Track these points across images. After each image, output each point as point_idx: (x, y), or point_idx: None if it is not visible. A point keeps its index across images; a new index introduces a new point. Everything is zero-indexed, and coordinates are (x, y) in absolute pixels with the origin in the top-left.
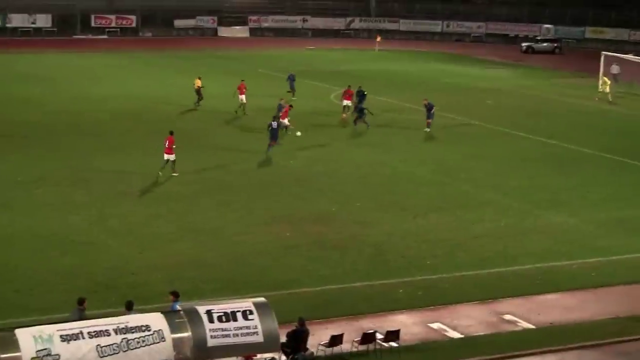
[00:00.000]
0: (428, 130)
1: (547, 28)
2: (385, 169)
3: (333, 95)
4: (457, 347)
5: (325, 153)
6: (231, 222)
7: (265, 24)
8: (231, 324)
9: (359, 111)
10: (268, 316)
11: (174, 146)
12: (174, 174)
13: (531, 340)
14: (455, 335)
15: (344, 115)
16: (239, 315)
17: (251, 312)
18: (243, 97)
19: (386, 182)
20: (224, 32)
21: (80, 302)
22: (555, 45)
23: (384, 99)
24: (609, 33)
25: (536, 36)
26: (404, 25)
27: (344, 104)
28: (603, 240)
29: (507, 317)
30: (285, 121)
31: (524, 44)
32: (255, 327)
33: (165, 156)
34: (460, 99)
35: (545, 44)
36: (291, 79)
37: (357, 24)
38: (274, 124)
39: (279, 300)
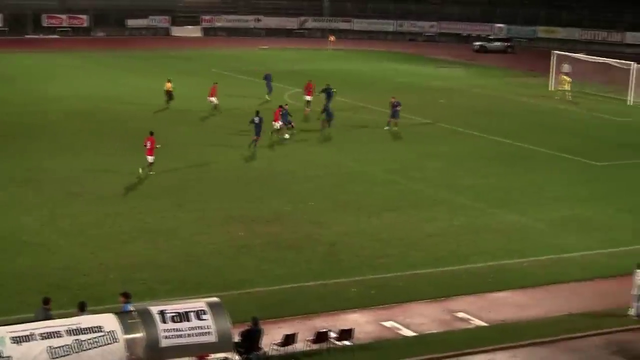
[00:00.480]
0: (388, 128)
1: (499, 27)
2: (339, 168)
3: (287, 95)
4: (411, 345)
5: (279, 152)
6: (186, 223)
7: (219, 24)
8: (184, 324)
9: (328, 113)
10: (221, 316)
11: (158, 145)
12: (151, 173)
13: (484, 338)
14: (409, 333)
15: (307, 109)
16: (192, 315)
17: (204, 312)
18: (213, 98)
19: (341, 182)
20: (176, 31)
21: (46, 302)
22: (508, 44)
23: (339, 98)
24: (560, 32)
25: (489, 35)
26: (357, 24)
27: (306, 99)
28: (555, 238)
29: (460, 315)
30: (277, 124)
31: (476, 43)
32: (209, 327)
33: (149, 158)
34: (414, 98)
35: (497, 44)
36: (268, 78)
37: (311, 23)
38: (256, 119)
39: (233, 300)
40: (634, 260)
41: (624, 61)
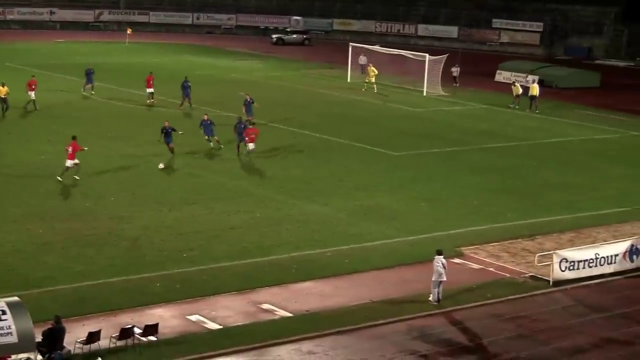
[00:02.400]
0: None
1: (296, 20)
2: (138, 162)
3: (84, 89)
4: (217, 338)
5: None
6: None
7: (11, 16)
8: None
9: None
10: (22, 315)
11: (85, 148)
12: (76, 177)
13: (289, 328)
14: (214, 326)
15: (149, 101)
16: None
17: (4, 312)
18: (32, 93)
19: (140, 176)
20: None
21: None
22: (305, 36)
23: (135, 91)
24: (356, 25)
25: (286, 28)
26: (154, 17)
27: (148, 91)
28: (355, 227)
29: (265, 306)
30: (251, 146)
31: (274, 36)
32: (9, 328)
33: (68, 162)
34: (212, 91)
35: (294, 36)
36: (89, 72)
37: (107, 16)
38: (168, 129)
39: (34, 299)
40: (432, 247)
41: (418, 53)
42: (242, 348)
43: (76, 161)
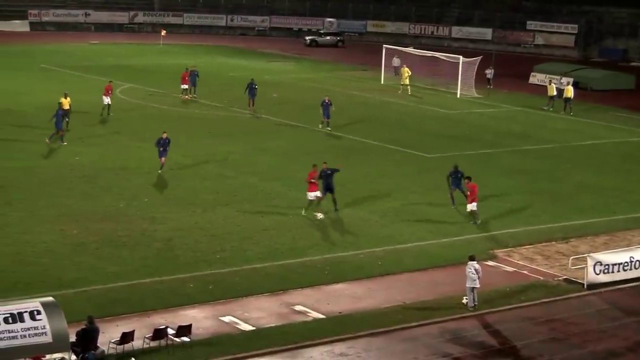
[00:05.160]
0: (329, 129)
1: (330, 22)
2: (170, 164)
3: (118, 90)
4: (249, 340)
5: (110, 149)
6: (14, 221)
7: (46, 18)
8: (18, 325)
9: None
10: (57, 316)
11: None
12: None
13: (321, 330)
14: (247, 327)
15: (186, 96)
16: (26, 315)
17: (39, 312)
18: (108, 98)
19: (173, 177)
20: (2, 26)
21: None
22: (338, 38)
23: (169, 92)
24: (390, 27)
25: (319, 30)
26: (188, 19)
27: (183, 87)
28: (388, 229)
29: (298, 307)
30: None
31: (307, 38)
32: (44, 327)
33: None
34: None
35: (328, 38)
36: (193, 74)
37: (141, 18)
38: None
39: (68, 300)
40: (465, 249)
41: (452, 55)
42: (274, 349)
43: (318, 194)
